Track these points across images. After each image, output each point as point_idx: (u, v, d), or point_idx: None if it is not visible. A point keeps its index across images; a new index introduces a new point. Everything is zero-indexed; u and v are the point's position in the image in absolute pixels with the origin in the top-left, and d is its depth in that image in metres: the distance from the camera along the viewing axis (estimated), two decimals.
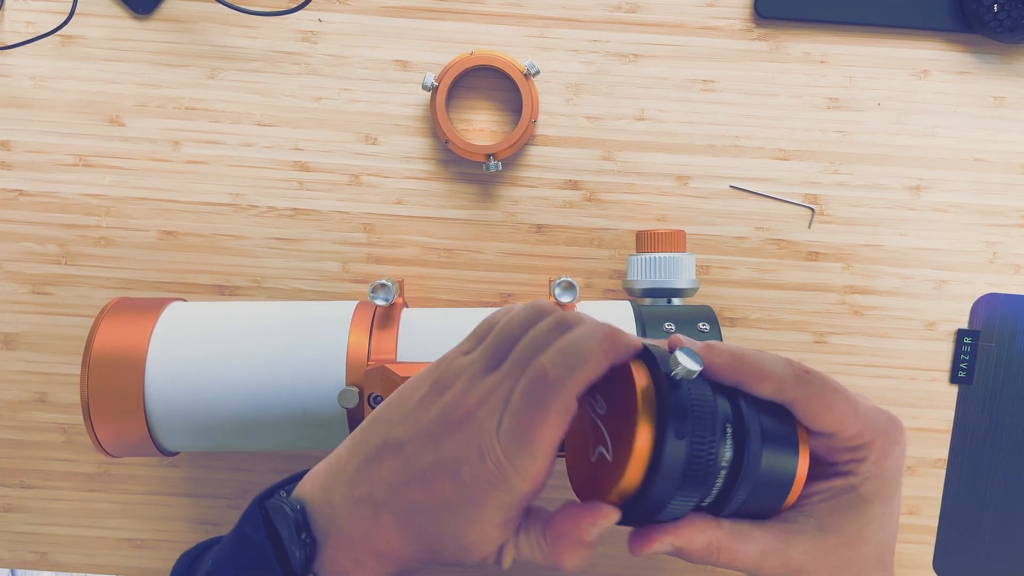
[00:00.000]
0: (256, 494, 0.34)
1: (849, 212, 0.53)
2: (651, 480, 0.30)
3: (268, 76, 0.52)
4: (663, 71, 0.52)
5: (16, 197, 0.53)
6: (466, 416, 0.30)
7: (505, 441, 0.29)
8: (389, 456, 0.31)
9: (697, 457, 0.30)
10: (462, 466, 0.30)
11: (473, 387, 0.31)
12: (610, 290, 0.53)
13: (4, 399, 0.54)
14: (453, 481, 0.30)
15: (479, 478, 0.30)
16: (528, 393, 0.29)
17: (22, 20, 0.52)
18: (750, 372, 0.32)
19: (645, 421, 0.30)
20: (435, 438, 0.31)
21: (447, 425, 0.31)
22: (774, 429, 0.32)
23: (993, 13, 0.50)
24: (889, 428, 0.33)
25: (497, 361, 0.32)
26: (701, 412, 0.30)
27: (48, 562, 0.55)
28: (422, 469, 0.31)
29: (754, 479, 0.31)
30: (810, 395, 0.32)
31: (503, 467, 0.29)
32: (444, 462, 0.30)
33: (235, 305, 0.46)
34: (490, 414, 0.30)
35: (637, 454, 0.29)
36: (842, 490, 0.33)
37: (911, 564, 0.54)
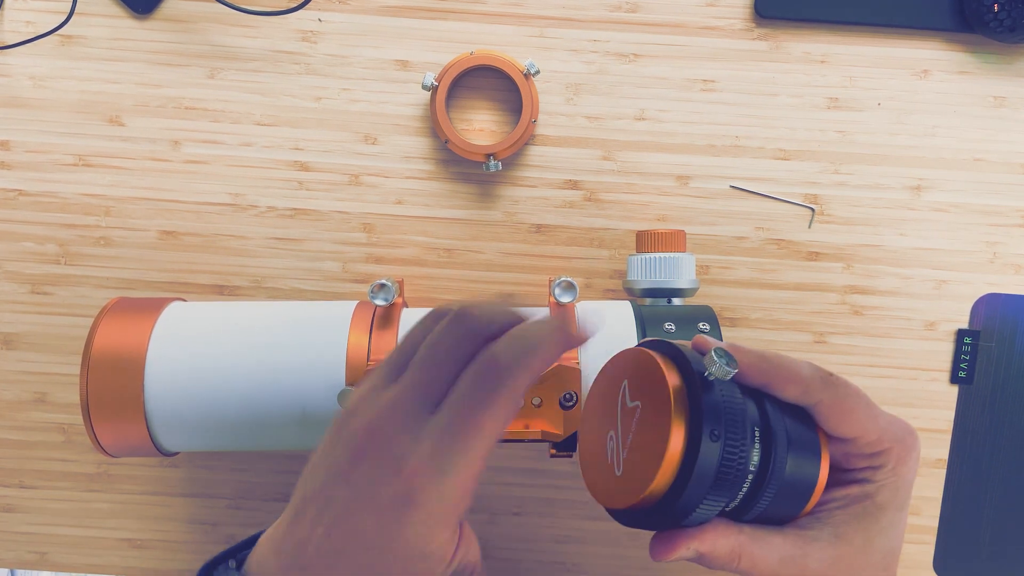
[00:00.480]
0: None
1: (849, 212, 0.53)
2: (682, 483, 0.29)
3: (268, 76, 0.52)
4: (663, 71, 0.52)
5: (16, 197, 0.53)
6: (370, 434, 0.28)
7: (437, 439, 0.27)
8: (309, 506, 0.29)
9: (730, 460, 0.29)
10: (377, 490, 0.27)
11: (374, 404, 0.29)
12: (610, 290, 0.53)
13: (4, 399, 0.54)
14: (371, 513, 0.28)
15: (397, 496, 0.27)
16: (474, 382, 0.28)
17: (22, 20, 0.52)
18: (778, 374, 0.31)
19: (679, 422, 0.29)
20: (344, 471, 0.28)
21: (354, 452, 0.28)
22: (799, 433, 0.32)
23: (993, 13, 0.50)
24: (906, 436, 0.33)
25: (398, 372, 0.30)
26: (733, 414, 0.30)
27: (48, 562, 0.55)
28: (340, 510, 0.28)
29: (779, 484, 0.31)
30: (834, 399, 0.32)
31: (428, 472, 0.27)
32: (358, 494, 0.28)
33: (235, 305, 0.46)
34: (401, 423, 0.28)
35: (670, 456, 0.29)
36: (858, 497, 0.33)
37: (911, 564, 0.54)
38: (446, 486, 0.27)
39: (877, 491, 0.33)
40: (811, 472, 0.32)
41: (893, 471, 0.33)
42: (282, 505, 0.54)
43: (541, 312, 0.32)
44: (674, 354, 0.31)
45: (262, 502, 0.54)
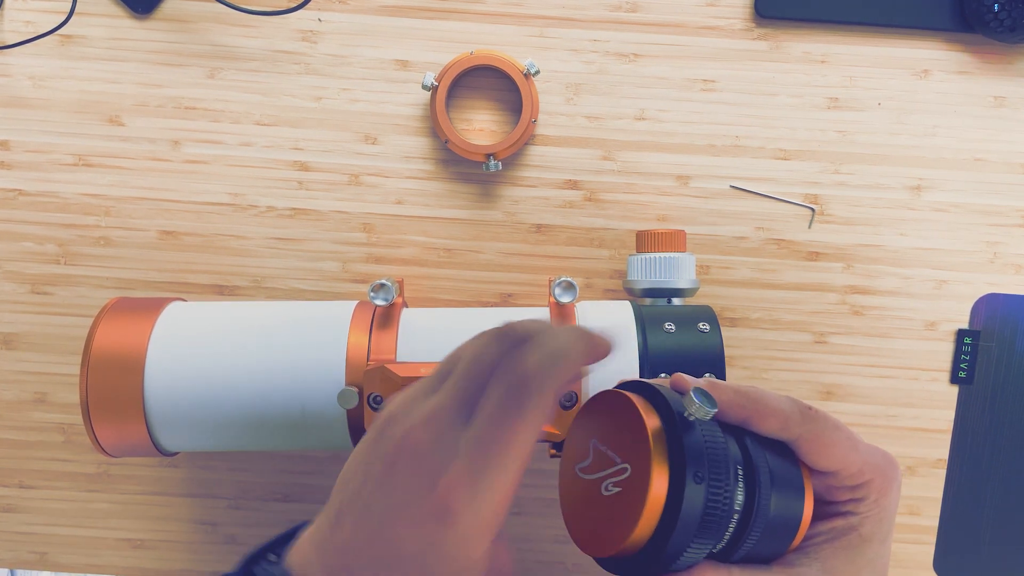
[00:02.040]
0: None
1: (849, 212, 0.53)
2: (668, 528, 0.28)
3: (268, 76, 0.52)
4: (663, 71, 0.52)
5: (16, 197, 0.53)
6: (406, 444, 0.28)
7: (471, 452, 0.27)
8: (347, 514, 0.29)
9: (715, 503, 0.28)
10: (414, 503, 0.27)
11: (413, 412, 0.29)
12: (610, 290, 0.53)
13: (4, 399, 0.54)
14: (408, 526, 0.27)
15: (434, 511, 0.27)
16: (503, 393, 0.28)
17: (22, 20, 0.52)
18: (756, 409, 0.31)
19: (660, 465, 0.28)
20: (381, 480, 0.28)
21: (391, 461, 0.28)
22: (781, 469, 0.31)
23: (993, 13, 0.50)
24: (887, 467, 0.33)
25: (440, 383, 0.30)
26: (716, 454, 0.29)
27: (48, 562, 0.55)
28: (377, 520, 0.28)
29: (765, 523, 0.30)
30: (814, 432, 0.31)
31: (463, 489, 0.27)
32: (395, 505, 0.28)
33: (235, 305, 0.46)
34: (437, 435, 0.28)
35: (652, 501, 0.28)
36: (843, 530, 0.32)
37: (911, 564, 0.54)
38: (480, 502, 0.27)
39: (861, 523, 0.32)
40: (796, 508, 0.31)
41: (876, 502, 0.32)
42: (282, 505, 0.54)
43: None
44: (652, 395, 0.31)
45: (262, 502, 0.54)
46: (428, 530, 0.27)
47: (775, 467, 0.31)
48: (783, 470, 0.31)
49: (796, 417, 0.31)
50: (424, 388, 0.30)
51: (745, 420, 0.31)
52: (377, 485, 0.28)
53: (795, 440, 0.31)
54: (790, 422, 0.31)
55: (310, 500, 0.54)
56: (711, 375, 0.42)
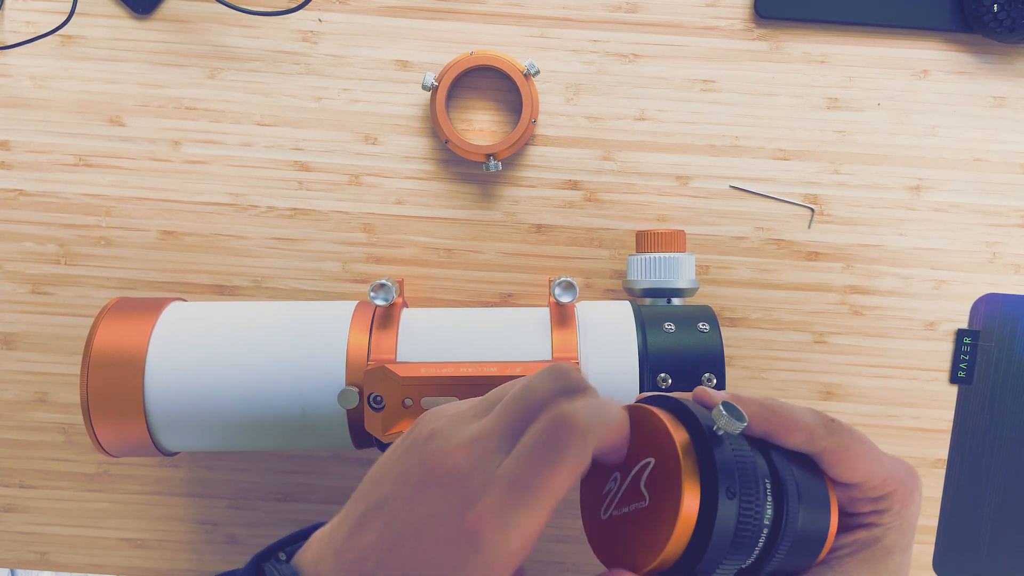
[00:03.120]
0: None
1: (849, 212, 0.53)
2: (700, 545, 0.28)
3: (268, 76, 0.52)
4: (663, 71, 0.52)
5: (16, 197, 0.53)
6: (446, 462, 0.28)
7: (504, 487, 0.27)
8: (374, 518, 0.29)
9: (746, 519, 0.28)
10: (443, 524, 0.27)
11: (458, 432, 0.29)
12: (610, 290, 0.53)
13: (4, 399, 0.54)
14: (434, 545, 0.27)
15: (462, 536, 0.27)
16: (546, 434, 0.28)
17: (22, 20, 0.52)
18: (780, 423, 0.31)
19: (691, 482, 0.27)
20: (414, 493, 0.28)
21: (427, 475, 0.28)
22: (807, 483, 0.31)
23: (993, 13, 0.50)
24: (908, 478, 0.33)
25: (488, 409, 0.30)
26: (746, 469, 0.28)
27: (48, 562, 0.55)
28: (404, 530, 0.28)
29: (793, 537, 0.30)
30: (839, 445, 0.31)
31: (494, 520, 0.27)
32: (425, 521, 0.28)
33: (235, 305, 0.46)
34: (478, 461, 0.28)
35: (684, 518, 0.27)
36: (866, 542, 0.32)
37: (911, 564, 0.54)
38: (510, 535, 0.27)
39: (884, 534, 0.32)
40: (822, 522, 0.31)
41: (899, 513, 0.32)
42: (282, 505, 0.54)
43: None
44: (677, 409, 0.30)
45: (262, 502, 0.54)
46: (454, 552, 0.27)
47: (801, 481, 0.31)
48: (809, 484, 0.31)
49: (820, 430, 0.31)
50: (471, 410, 0.30)
51: (770, 433, 0.31)
52: (410, 496, 0.28)
53: (819, 453, 0.31)
54: (815, 435, 0.31)
55: (310, 500, 0.54)
56: (711, 376, 0.42)
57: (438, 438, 0.29)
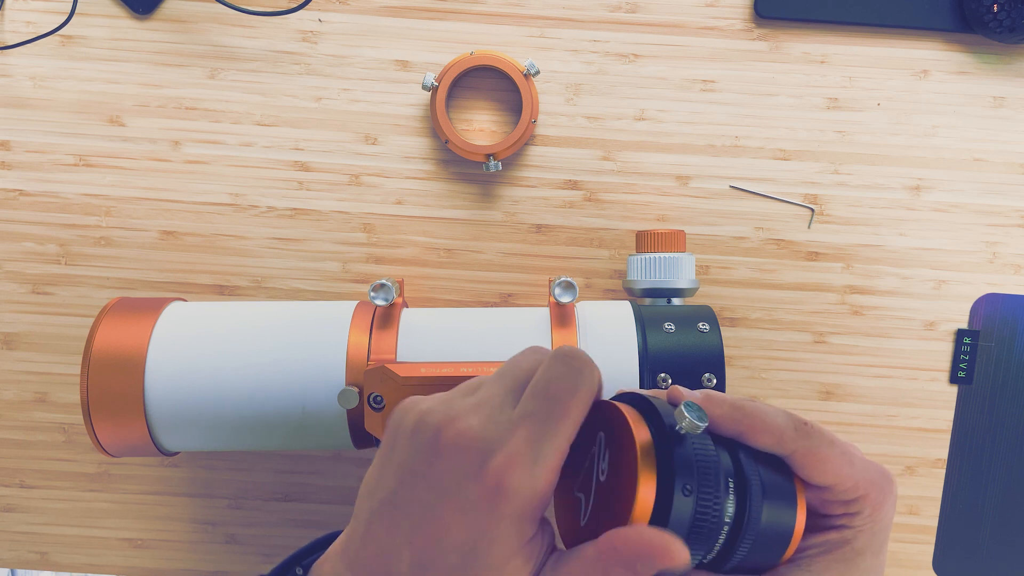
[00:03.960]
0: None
1: (849, 212, 0.53)
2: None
3: (268, 76, 0.52)
4: (663, 71, 0.53)
5: (16, 197, 0.53)
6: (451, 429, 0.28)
7: (528, 425, 0.27)
8: (382, 518, 0.28)
9: (703, 514, 0.28)
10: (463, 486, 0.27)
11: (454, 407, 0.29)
12: (610, 290, 0.53)
13: (4, 399, 0.54)
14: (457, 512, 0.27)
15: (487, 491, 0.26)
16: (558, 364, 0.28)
17: (22, 20, 0.52)
18: (751, 424, 0.31)
19: (647, 477, 0.28)
20: (421, 470, 0.28)
21: (432, 448, 0.28)
22: (774, 482, 0.31)
23: (993, 13, 0.50)
24: (882, 482, 0.33)
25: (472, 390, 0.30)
26: (706, 467, 0.29)
27: (48, 562, 0.55)
28: (419, 515, 0.27)
29: (755, 534, 0.30)
30: (809, 448, 0.31)
31: (520, 462, 0.27)
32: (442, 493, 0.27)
33: (235, 305, 0.46)
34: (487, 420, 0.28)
35: (639, 512, 0.28)
36: (836, 544, 0.33)
37: (911, 564, 0.54)
38: (538, 474, 0.27)
39: (855, 536, 0.33)
40: (788, 520, 0.31)
41: (870, 517, 0.33)
42: (282, 505, 0.54)
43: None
44: (645, 408, 0.31)
45: (262, 502, 0.54)
46: (478, 515, 0.27)
47: (767, 480, 0.31)
48: (775, 483, 0.31)
49: (790, 433, 0.31)
50: (461, 391, 0.30)
51: (740, 434, 0.31)
52: (416, 478, 0.28)
53: (789, 455, 0.32)
54: (784, 438, 0.31)
55: (310, 500, 0.54)
56: (711, 376, 0.42)
57: (430, 417, 0.29)
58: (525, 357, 0.31)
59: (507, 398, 0.29)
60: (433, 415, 0.29)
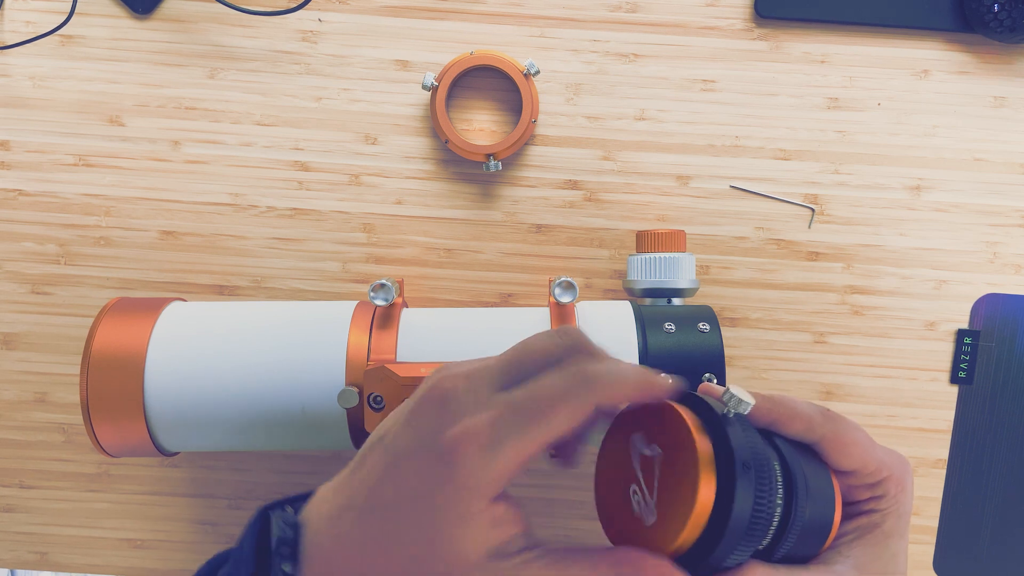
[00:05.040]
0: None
1: (849, 212, 0.53)
2: (715, 534, 0.28)
3: (268, 76, 0.52)
4: (663, 71, 0.52)
5: (16, 197, 0.53)
6: (441, 387, 0.29)
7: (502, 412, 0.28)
8: (371, 452, 0.30)
9: (760, 507, 0.29)
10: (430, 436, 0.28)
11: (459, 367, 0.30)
12: (610, 290, 0.53)
13: (4, 399, 0.54)
14: (420, 459, 0.28)
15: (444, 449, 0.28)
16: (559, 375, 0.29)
17: (22, 20, 0.52)
18: (782, 413, 0.32)
19: (708, 473, 0.28)
20: (408, 417, 0.30)
21: (421, 399, 0.30)
22: (813, 470, 0.32)
23: (993, 13, 0.50)
24: (902, 464, 0.34)
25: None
26: (761, 460, 0.29)
27: (48, 562, 0.55)
28: (394, 456, 0.29)
29: (803, 524, 0.31)
30: (836, 432, 0.33)
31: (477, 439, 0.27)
32: (412, 444, 0.29)
33: (235, 305, 0.46)
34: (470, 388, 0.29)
35: (700, 508, 0.28)
36: (868, 528, 0.34)
37: (911, 564, 0.54)
38: (489, 459, 0.28)
39: (883, 520, 0.34)
40: (829, 509, 0.32)
41: (895, 499, 0.34)
42: None
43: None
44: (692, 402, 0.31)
45: (262, 502, 0.54)
46: (433, 470, 0.28)
47: (807, 468, 0.32)
48: (814, 471, 0.32)
49: (818, 419, 0.33)
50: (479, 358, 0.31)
51: (772, 423, 0.32)
52: (402, 421, 0.30)
53: (819, 441, 0.33)
54: (813, 423, 0.32)
55: None
56: (711, 376, 0.42)
57: (435, 373, 0.31)
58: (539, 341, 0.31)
59: (498, 376, 0.30)
60: (436, 373, 0.31)
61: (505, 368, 0.30)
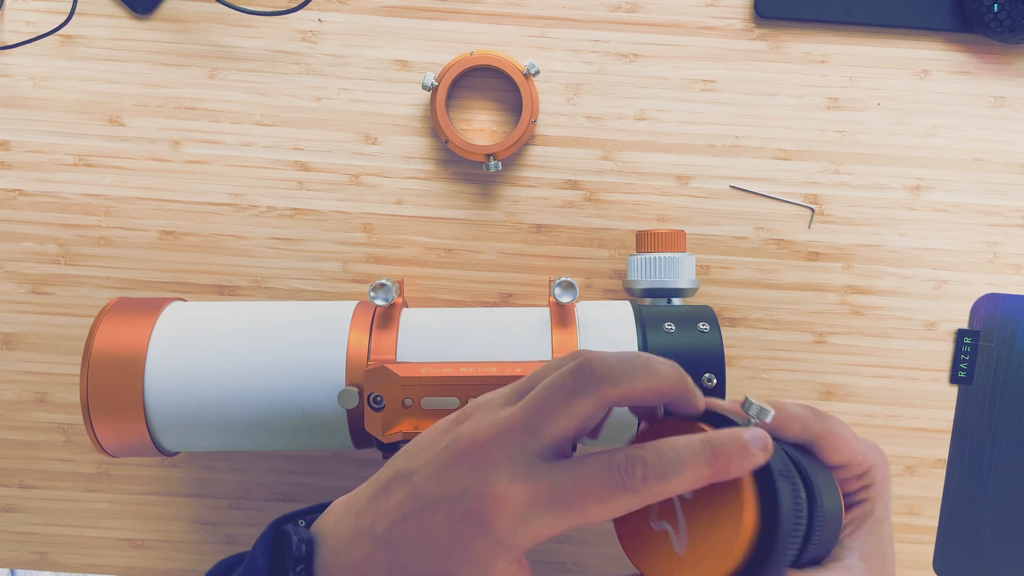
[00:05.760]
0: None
1: (849, 212, 0.53)
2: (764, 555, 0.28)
3: (268, 76, 0.52)
4: (663, 71, 0.52)
5: (16, 197, 0.53)
6: (475, 445, 0.29)
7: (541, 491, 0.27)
8: (398, 486, 0.30)
9: (798, 519, 0.29)
10: (460, 501, 0.28)
11: (488, 418, 0.30)
12: (610, 290, 0.53)
13: (4, 399, 0.54)
14: (447, 519, 0.28)
15: (476, 516, 0.28)
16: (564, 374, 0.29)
17: (22, 20, 0.52)
18: (780, 416, 0.32)
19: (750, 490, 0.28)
20: (441, 468, 0.29)
21: (454, 455, 0.29)
22: (816, 471, 0.32)
23: (993, 13, 0.50)
24: (878, 452, 0.35)
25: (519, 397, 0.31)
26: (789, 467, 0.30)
27: (48, 562, 0.55)
28: (423, 502, 0.29)
29: (822, 527, 0.31)
30: (827, 429, 0.33)
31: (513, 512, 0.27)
32: (444, 496, 0.29)
33: (235, 305, 0.46)
34: (506, 451, 0.28)
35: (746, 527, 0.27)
36: (862, 518, 0.34)
37: (911, 564, 0.54)
38: (521, 531, 0.28)
39: (874, 507, 0.35)
40: (837, 507, 0.32)
41: (880, 486, 0.35)
42: (282, 505, 0.54)
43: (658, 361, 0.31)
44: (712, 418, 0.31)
45: (262, 502, 0.54)
46: (463, 530, 0.28)
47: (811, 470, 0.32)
48: (818, 470, 0.32)
49: (811, 418, 0.33)
50: (503, 397, 0.31)
51: (773, 429, 0.32)
52: (437, 471, 0.30)
53: (813, 439, 0.33)
54: (808, 423, 0.33)
55: (310, 500, 0.54)
56: (711, 377, 0.42)
57: (471, 421, 0.30)
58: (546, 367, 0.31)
59: (528, 433, 0.29)
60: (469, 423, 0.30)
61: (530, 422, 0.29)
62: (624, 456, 0.28)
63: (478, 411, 0.31)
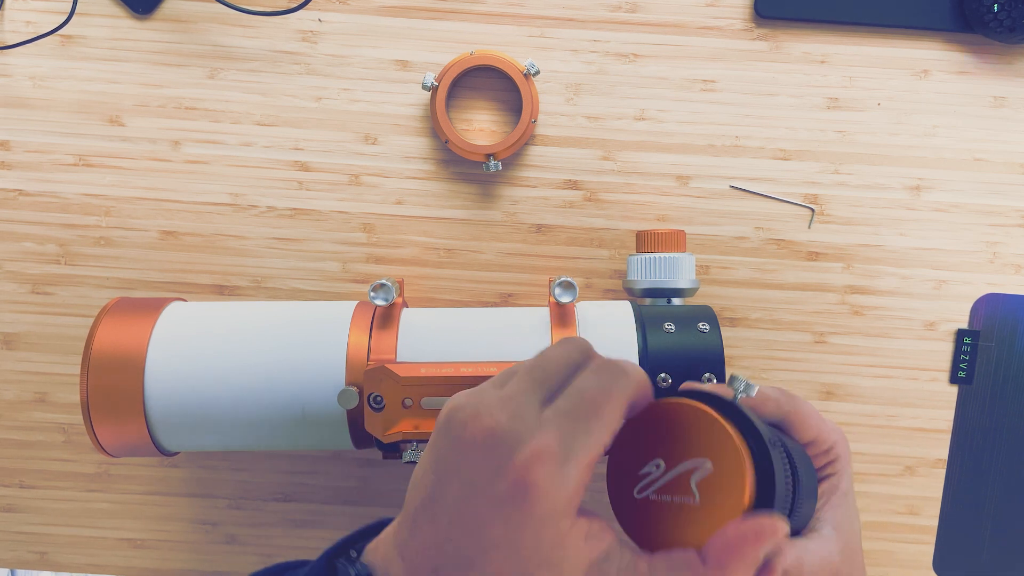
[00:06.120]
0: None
1: (849, 212, 0.53)
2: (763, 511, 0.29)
3: (268, 76, 0.52)
4: (663, 71, 0.52)
5: (16, 197, 0.53)
6: (480, 424, 0.28)
7: (559, 422, 0.27)
8: (424, 515, 0.29)
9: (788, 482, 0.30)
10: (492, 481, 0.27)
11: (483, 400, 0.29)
12: (610, 290, 0.53)
13: (4, 399, 0.54)
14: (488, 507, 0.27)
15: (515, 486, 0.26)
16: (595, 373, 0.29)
17: (22, 20, 0.52)
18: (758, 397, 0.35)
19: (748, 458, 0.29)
20: (454, 465, 0.28)
21: (463, 444, 0.28)
22: (793, 445, 0.34)
23: (993, 13, 0.50)
24: (838, 429, 0.38)
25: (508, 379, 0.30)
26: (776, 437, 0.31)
27: (48, 562, 0.55)
28: (454, 509, 0.28)
29: (804, 496, 0.33)
30: (796, 409, 0.36)
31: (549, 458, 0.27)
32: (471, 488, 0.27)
33: (235, 305, 0.46)
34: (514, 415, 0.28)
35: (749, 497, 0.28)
36: (831, 491, 0.36)
37: (911, 564, 0.54)
38: (564, 474, 0.27)
39: (840, 480, 0.37)
40: (814, 479, 0.34)
41: (844, 460, 0.37)
42: (282, 505, 0.54)
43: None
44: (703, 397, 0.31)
45: (262, 502, 0.54)
46: (511, 509, 0.27)
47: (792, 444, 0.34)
48: (794, 445, 0.35)
49: (783, 399, 0.36)
50: (492, 383, 0.31)
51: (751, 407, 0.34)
52: (449, 473, 0.28)
53: (784, 417, 0.36)
54: (780, 403, 0.36)
55: (310, 500, 0.54)
56: (711, 376, 0.42)
57: (461, 412, 0.29)
58: (556, 350, 0.31)
59: (535, 393, 0.29)
60: (462, 411, 0.29)
61: (537, 386, 0.29)
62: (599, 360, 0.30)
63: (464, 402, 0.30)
